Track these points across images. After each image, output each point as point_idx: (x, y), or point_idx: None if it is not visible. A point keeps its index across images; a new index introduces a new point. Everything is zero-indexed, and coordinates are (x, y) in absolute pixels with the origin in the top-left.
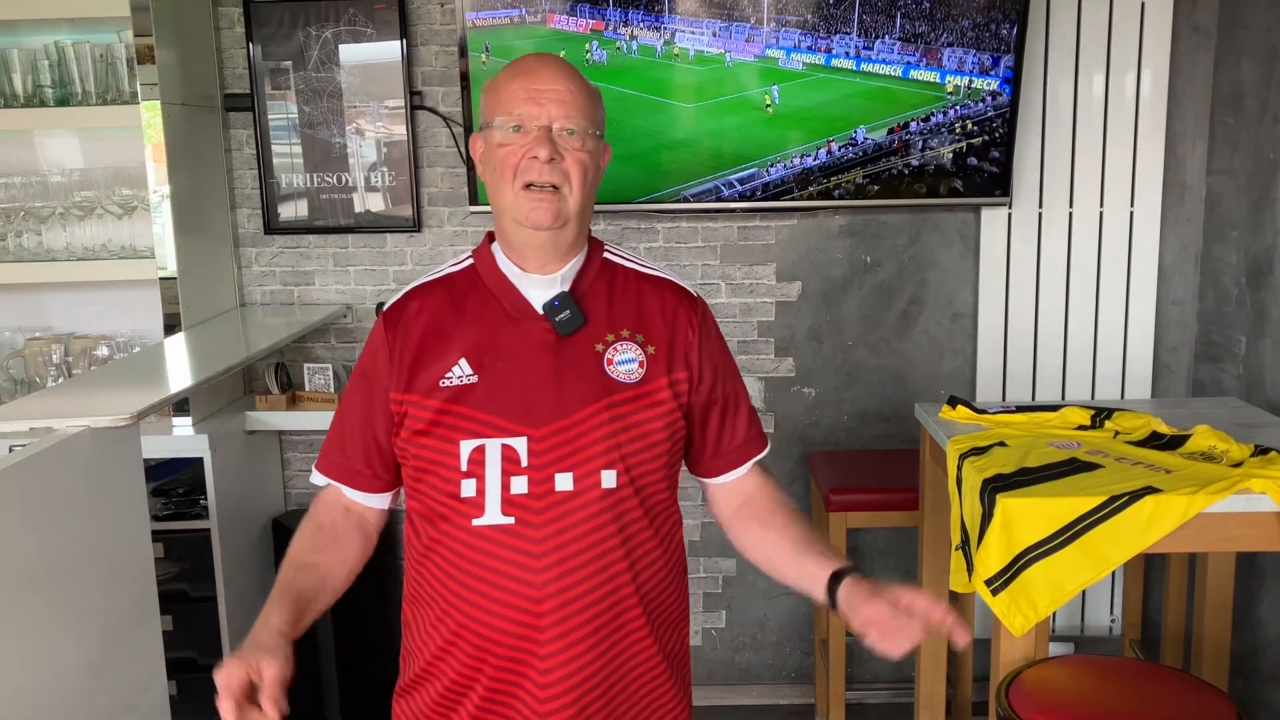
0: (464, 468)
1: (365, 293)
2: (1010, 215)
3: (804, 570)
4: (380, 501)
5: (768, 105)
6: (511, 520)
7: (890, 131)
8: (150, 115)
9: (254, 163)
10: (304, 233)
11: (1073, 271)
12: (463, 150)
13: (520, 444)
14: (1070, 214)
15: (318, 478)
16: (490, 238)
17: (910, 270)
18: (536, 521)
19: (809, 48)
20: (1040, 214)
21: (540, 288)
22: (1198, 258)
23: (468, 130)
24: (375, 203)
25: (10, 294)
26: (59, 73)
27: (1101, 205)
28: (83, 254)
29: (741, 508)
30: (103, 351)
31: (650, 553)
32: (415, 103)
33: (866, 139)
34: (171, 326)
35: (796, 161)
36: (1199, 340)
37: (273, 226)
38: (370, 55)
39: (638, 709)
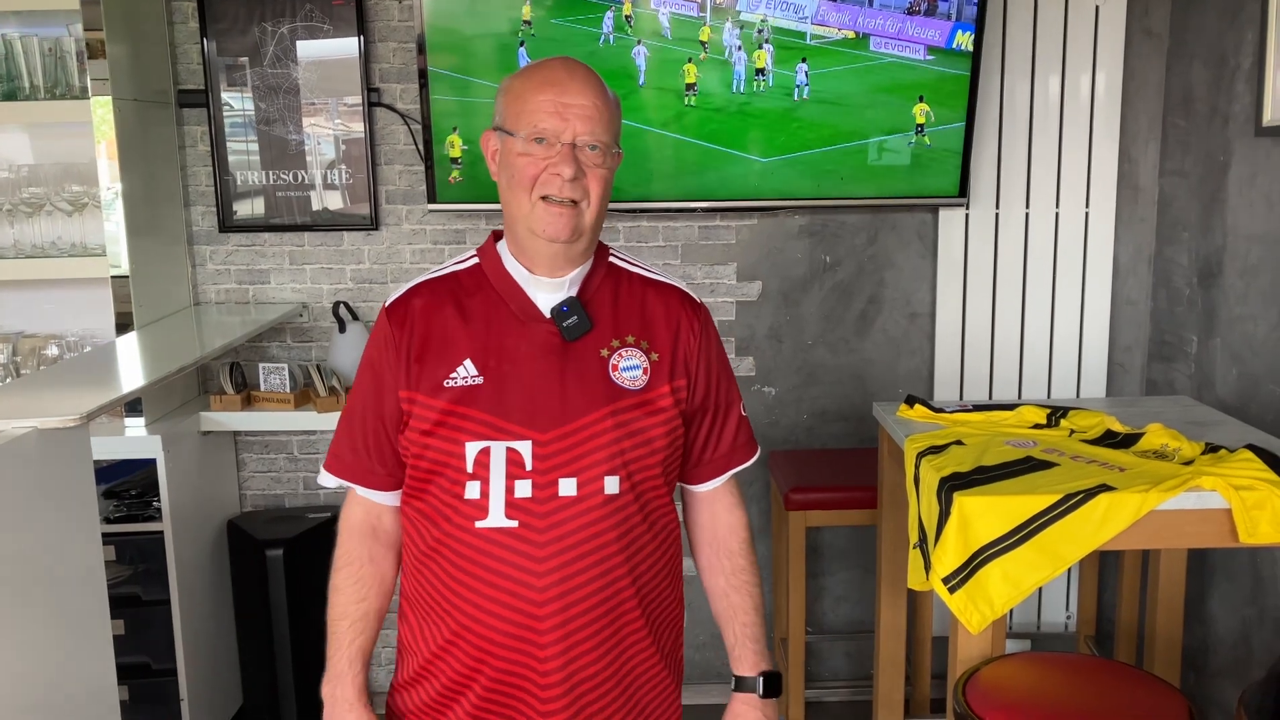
0: (469, 469)
1: (322, 291)
2: (968, 216)
3: (731, 651)
4: (396, 499)
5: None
6: (515, 524)
7: None
8: (102, 111)
9: (209, 159)
10: (260, 230)
11: (1029, 272)
12: (421, 148)
13: (525, 448)
14: (1027, 215)
15: (327, 479)
16: (496, 236)
17: (869, 270)
18: (539, 525)
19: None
20: (997, 215)
21: (548, 291)
22: (1151, 258)
23: (426, 128)
24: (332, 201)
25: None
26: (6, 66)
27: (1057, 206)
28: (31, 251)
29: (711, 544)
30: (52, 351)
31: (649, 556)
32: (373, 100)
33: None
34: (123, 325)
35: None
36: (1152, 340)
37: (228, 224)
38: (327, 51)
39: (636, 708)
